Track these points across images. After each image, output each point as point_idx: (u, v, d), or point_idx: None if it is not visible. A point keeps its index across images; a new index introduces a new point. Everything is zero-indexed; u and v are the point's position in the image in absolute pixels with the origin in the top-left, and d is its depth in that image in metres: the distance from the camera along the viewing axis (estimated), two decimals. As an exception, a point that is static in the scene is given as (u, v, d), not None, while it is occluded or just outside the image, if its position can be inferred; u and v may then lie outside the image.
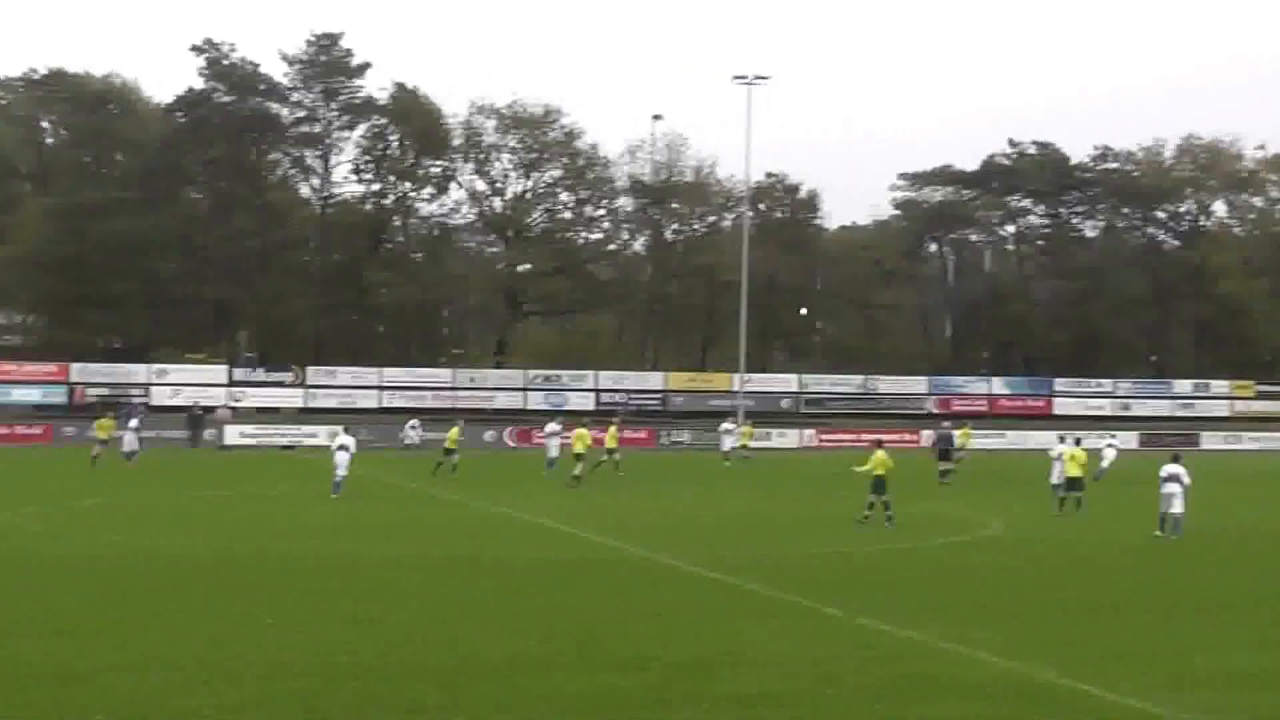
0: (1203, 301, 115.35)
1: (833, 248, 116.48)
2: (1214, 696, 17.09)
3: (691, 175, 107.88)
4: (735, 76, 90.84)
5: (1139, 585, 26.64)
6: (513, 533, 35.37)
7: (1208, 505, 44.84)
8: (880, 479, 37.53)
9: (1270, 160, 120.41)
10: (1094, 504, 41.35)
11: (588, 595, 24.55)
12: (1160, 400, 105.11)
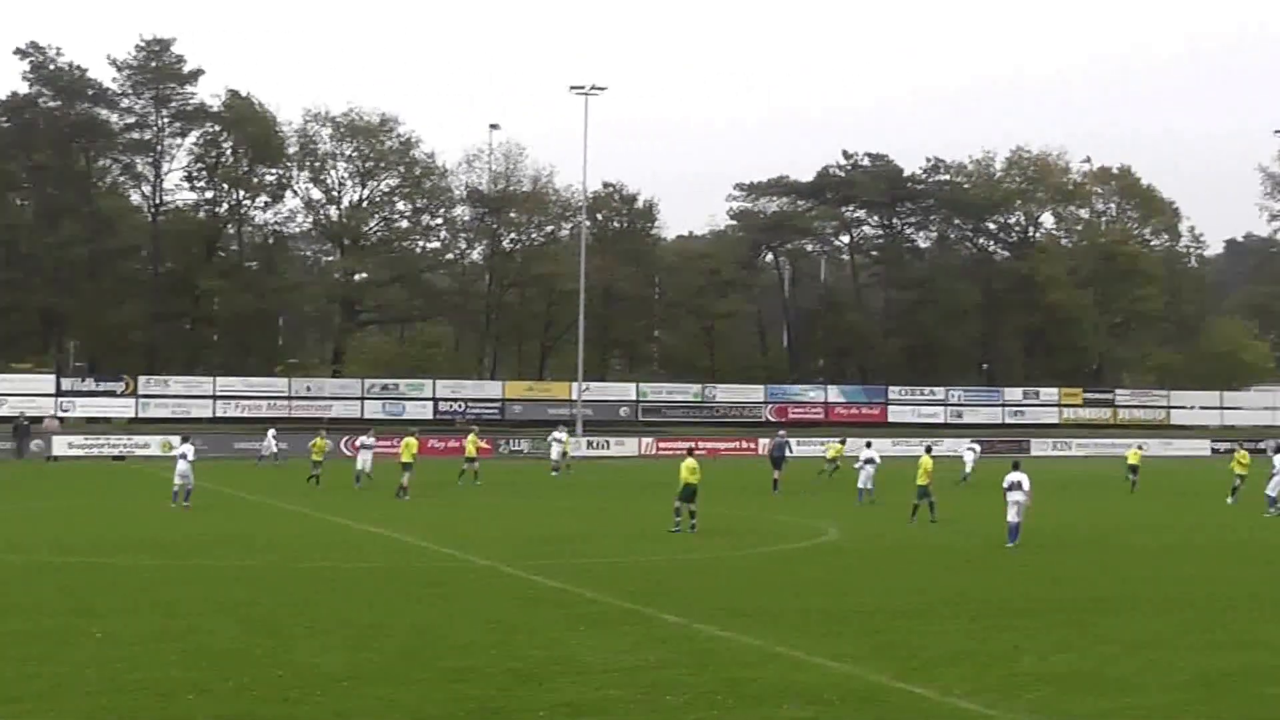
0: (1032, 311, 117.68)
1: (670, 257, 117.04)
2: (1042, 697, 17.41)
3: (529, 185, 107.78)
4: (572, 87, 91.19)
5: (970, 590, 27.01)
6: (351, 543, 35.01)
7: (1037, 511, 45.78)
8: (690, 486, 37.07)
9: (1096, 173, 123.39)
10: (944, 509, 41.79)
11: (424, 604, 24.39)
12: (992, 407, 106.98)
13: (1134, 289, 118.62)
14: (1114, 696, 17.48)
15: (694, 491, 37.01)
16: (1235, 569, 30.99)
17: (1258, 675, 18.80)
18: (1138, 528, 41.12)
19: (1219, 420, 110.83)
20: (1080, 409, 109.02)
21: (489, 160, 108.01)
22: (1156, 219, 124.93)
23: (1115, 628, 22.55)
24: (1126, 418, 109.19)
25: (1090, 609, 24.65)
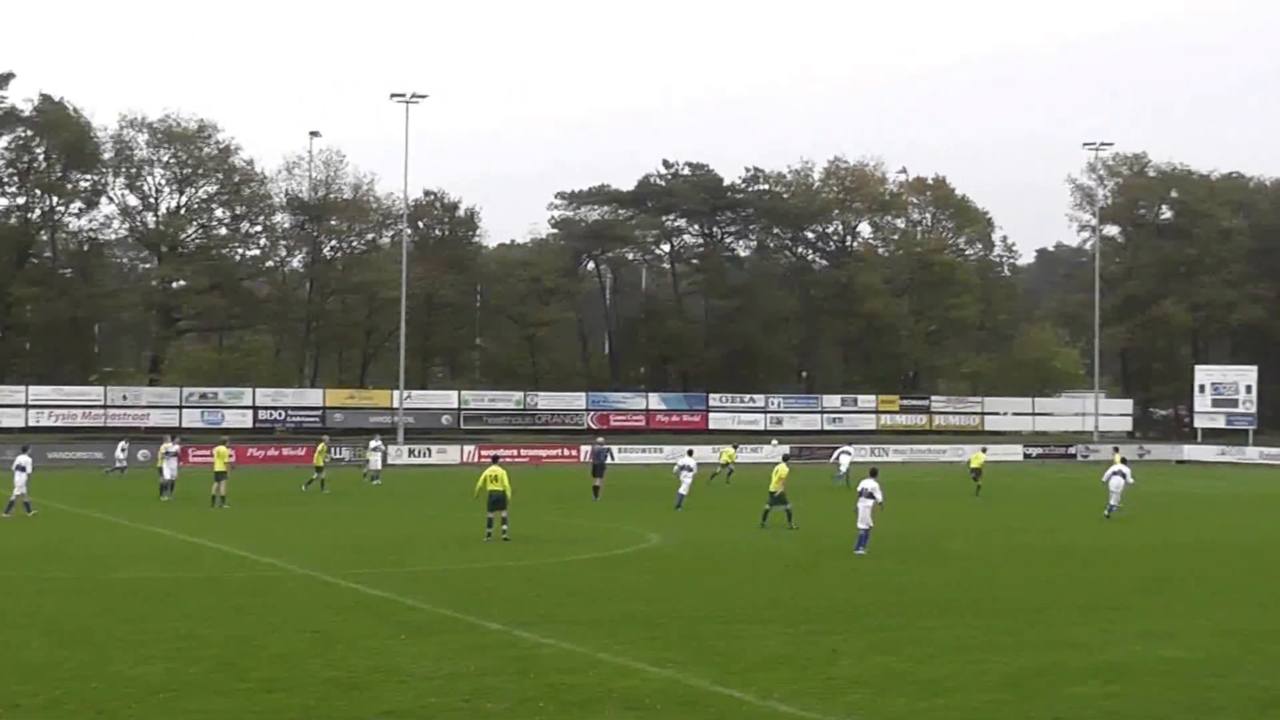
0: (850, 319, 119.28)
1: (492, 266, 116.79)
2: (859, 699, 17.75)
3: (350, 192, 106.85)
4: (393, 94, 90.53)
5: (790, 594, 27.39)
6: (168, 553, 34.44)
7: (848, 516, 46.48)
8: (495, 494, 36.89)
9: (912, 183, 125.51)
10: (808, 513, 42.21)
11: (243, 614, 24.15)
12: (811, 414, 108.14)
13: (949, 297, 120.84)
14: (928, 697, 17.84)
15: (501, 499, 36.77)
16: (1046, 572, 31.77)
17: (1065, 675, 19.32)
18: (953, 532, 41.96)
19: (1031, 426, 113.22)
20: (897, 415, 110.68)
21: (309, 167, 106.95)
22: (970, 229, 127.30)
23: (931, 630, 23.00)
24: (942, 424, 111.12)
25: (907, 612, 25.13)
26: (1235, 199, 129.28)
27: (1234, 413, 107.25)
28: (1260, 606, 26.28)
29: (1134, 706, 17.39)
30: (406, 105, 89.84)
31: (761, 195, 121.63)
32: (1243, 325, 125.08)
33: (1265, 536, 41.94)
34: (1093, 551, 36.50)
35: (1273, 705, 17.52)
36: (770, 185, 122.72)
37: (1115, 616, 24.77)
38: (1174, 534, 42.29)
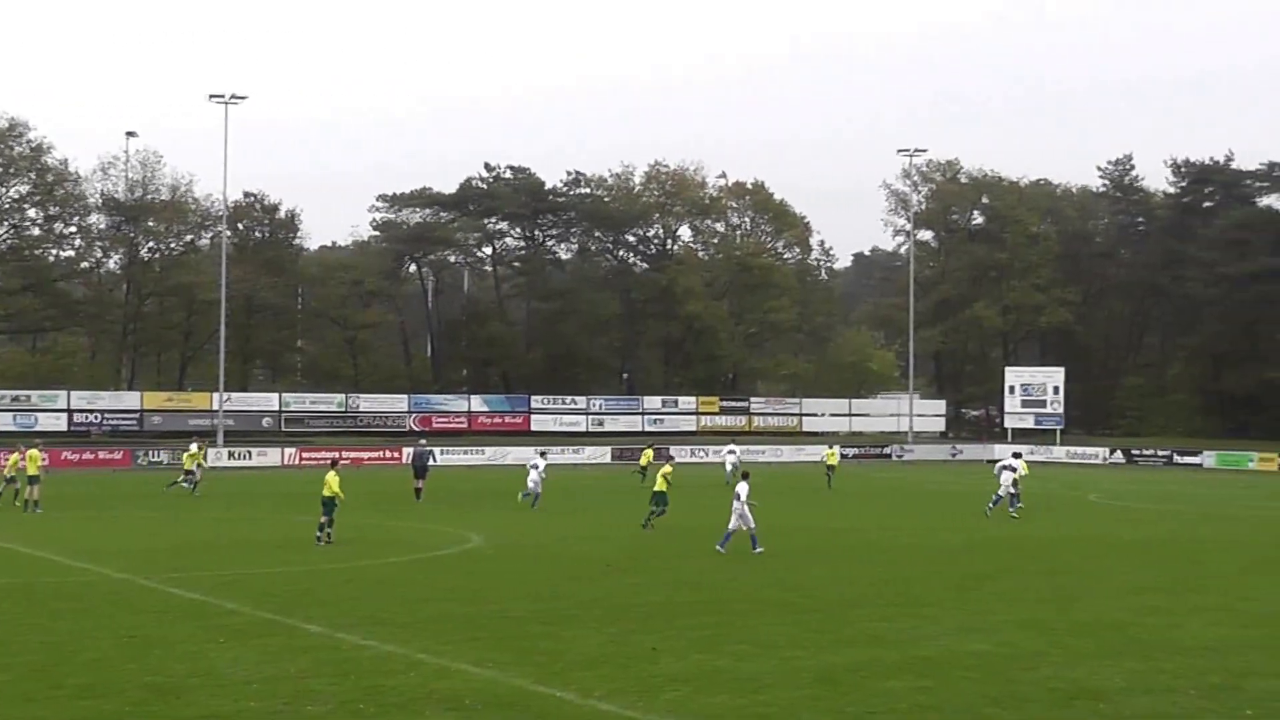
0: (670, 321, 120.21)
1: (313, 268, 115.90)
2: (679, 697, 17.98)
3: (168, 194, 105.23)
4: (212, 95, 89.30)
5: (610, 594, 27.60)
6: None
7: (680, 514, 46.99)
8: (327, 498, 36.99)
9: (731, 187, 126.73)
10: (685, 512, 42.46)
11: (56, 620, 23.74)
12: (632, 416, 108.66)
13: (767, 300, 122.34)
14: (747, 694, 18.11)
15: (333, 503, 36.87)
16: (860, 569, 32.35)
17: (878, 670, 19.72)
18: (768, 532, 42.43)
19: (848, 426, 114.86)
20: (717, 417, 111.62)
21: (126, 168, 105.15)
22: (789, 233, 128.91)
23: (748, 628, 23.33)
24: (761, 425, 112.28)
25: (725, 610, 25.45)
26: (1043, 205, 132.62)
27: (1042, 413, 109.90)
28: (1064, 601, 27.03)
29: (944, 700, 17.79)
30: (225, 106, 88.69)
31: (583, 199, 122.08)
32: (1051, 328, 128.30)
33: (1068, 534, 43.05)
34: (905, 549, 37.23)
35: (1078, 697, 18.03)
36: (591, 189, 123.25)
37: (927, 612, 25.33)
38: (982, 532, 43.24)
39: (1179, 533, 43.76)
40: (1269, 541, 40.82)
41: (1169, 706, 17.48)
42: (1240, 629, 23.67)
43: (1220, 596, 27.91)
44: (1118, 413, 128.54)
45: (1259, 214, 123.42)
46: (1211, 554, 36.77)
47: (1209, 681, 19.04)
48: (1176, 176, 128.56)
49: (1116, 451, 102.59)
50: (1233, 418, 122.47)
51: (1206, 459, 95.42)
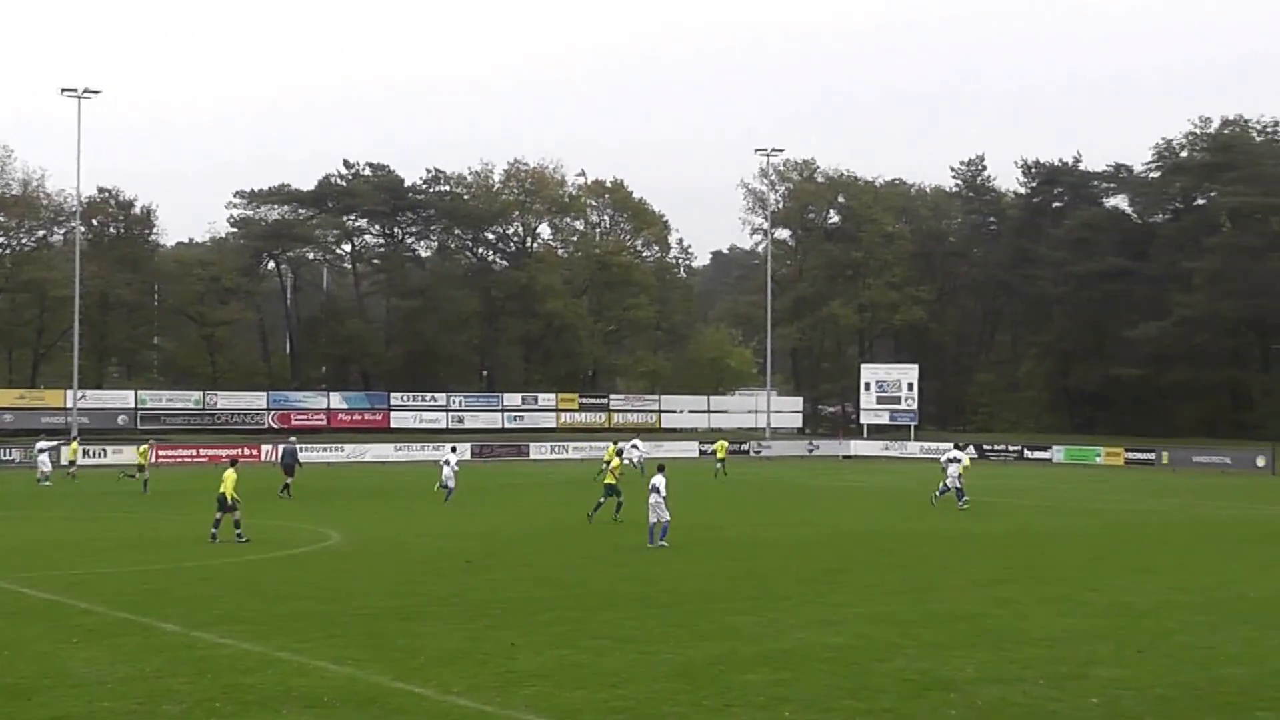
0: (530, 319, 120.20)
1: (169, 264, 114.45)
2: (538, 692, 18.08)
3: (19, 188, 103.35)
4: (64, 89, 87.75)
5: (469, 590, 27.62)
6: None
7: (539, 510, 47.17)
8: (221, 496, 36.94)
9: (591, 185, 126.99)
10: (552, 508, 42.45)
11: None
12: (492, 413, 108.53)
13: (627, 298, 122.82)
14: (605, 688, 18.25)
15: (222, 499, 36.84)
16: (717, 564, 32.61)
17: (735, 664, 19.95)
18: (626, 527, 42.67)
19: (706, 423, 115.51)
20: (577, 413, 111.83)
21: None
22: (648, 231, 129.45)
23: (607, 623, 23.49)
24: (621, 422, 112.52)
25: (583, 606, 25.60)
26: (898, 205, 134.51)
27: (897, 409, 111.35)
28: (917, 593, 27.51)
29: (801, 692, 18.04)
30: (78, 100, 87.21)
31: (442, 196, 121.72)
32: (905, 325, 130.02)
33: (921, 528, 43.72)
34: (762, 544, 37.59)
35: (930, 687, 18.37)
36: (451, 186, 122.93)
37: (783, 606, 25.66)
38: (838, 526, 43.80)
39: (1028, 526, 44.62)
40: (1114, 534, 41.76)
41: (1018, 696, 17.87)
42: (1086, 619, 24.24)
43: (1067, 588, 28.54)
44: (970, 409, 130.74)
45: (1105, 214, 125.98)
46: (1059, 546, 37.54)
47: (1057, 671, 19.50)
48: (1027, 177, 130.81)
49: (969, 446, 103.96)
50: (1080, 413, 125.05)
51: (1055, 454, 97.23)
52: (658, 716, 16.67)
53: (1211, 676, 19.21)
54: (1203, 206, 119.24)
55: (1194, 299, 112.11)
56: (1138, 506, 54.46)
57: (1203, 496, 61.21)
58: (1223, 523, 46.78)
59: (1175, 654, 20.89)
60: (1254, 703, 17.52)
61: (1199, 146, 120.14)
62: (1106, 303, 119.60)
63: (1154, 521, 46.85)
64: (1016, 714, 16.84)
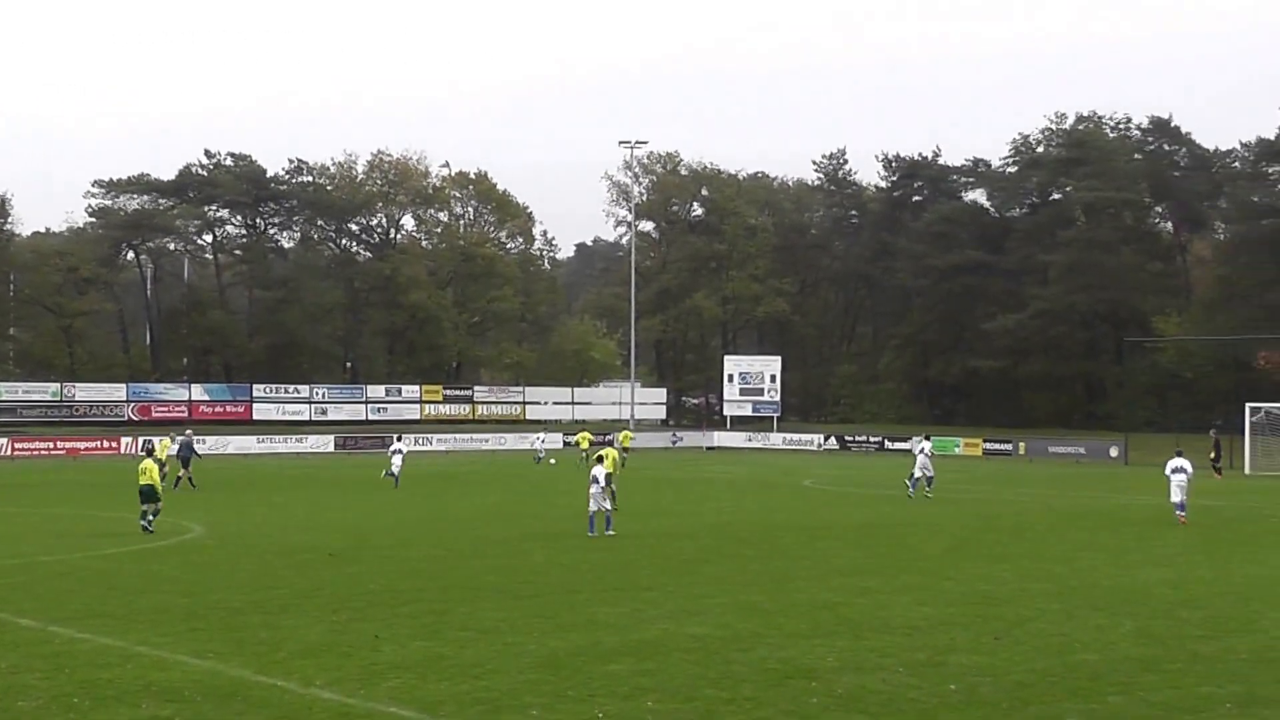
0: (394, 310, 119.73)
1: (25, 255, 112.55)
2: (401, 684, 18.00)
3: None
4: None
5: (331, 583, 27.41)
6: None
7: (407, 504, 46.95)
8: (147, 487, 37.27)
9: (454, 177, 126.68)
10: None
11: None
12: (356, 405, 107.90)
13: (491, 290, 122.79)
14: (469, 680, 18.22)
15: (151, 491, 37.14)
16: (579, 555, 32.66)
17: (599, 654, 20.01)
18: (488, 518, 42.68)
19: (571, 415, 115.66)
20: (441, 405, 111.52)
21: None
22: (512, 223, 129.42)
23: (470, 615, 23.44)
24: (485, 413, 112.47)
25: (447, 598, 25.51)
26: (761, 198, 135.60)
27: (760, 401, 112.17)
28: (778, 583, 27.75)
29: (664, 682, 18.12)
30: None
31: (305, 187, 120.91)
32: (768, 317, 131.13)
33: (783, 518, 44.11)
34: (624, 535, 37.60)
35: (792, 676, 18.51)
36: (314, 177, 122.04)
37: (646, 596, 25.78)
38: (701, 517, 44.04)
39: (888, 516, 45.13)
40: (972, 524, 42.34)
41: (877, 683, 18.09)
42: (944, 607, 24.59)
43: (925, 577, 28.93)
44: (832, 400, 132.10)
45: (963, 208, 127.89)
46: (918, 536, 38.01)
47: (915, 658, 19.76)
48: (887, 171, 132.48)
49: (831, 438, 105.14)
50: (940, 405, 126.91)
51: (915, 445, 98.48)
52: (521, 708, 16.68)
53: (1065, 662, 19.58)
54: (1058, 201, 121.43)
55: (1050, 292, 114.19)
56: (995, 496, 55.33)
57: (1058, 486, 62.35)
58: (1077, 512, 47.64)
59: (1030, 641, 21.26)
60: (1106, 688, 17.90)
61: (1054, 142, 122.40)
62: (965, 295, 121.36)
63: (1010, 511, 47.60)
64: (876, 701, 17.05)
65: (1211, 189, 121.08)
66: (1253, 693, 17.74)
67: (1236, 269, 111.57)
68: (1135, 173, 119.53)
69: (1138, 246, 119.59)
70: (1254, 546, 36.17)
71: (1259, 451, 74.99)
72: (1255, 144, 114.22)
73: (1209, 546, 35.78)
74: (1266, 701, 17.27)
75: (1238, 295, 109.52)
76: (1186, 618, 23.64)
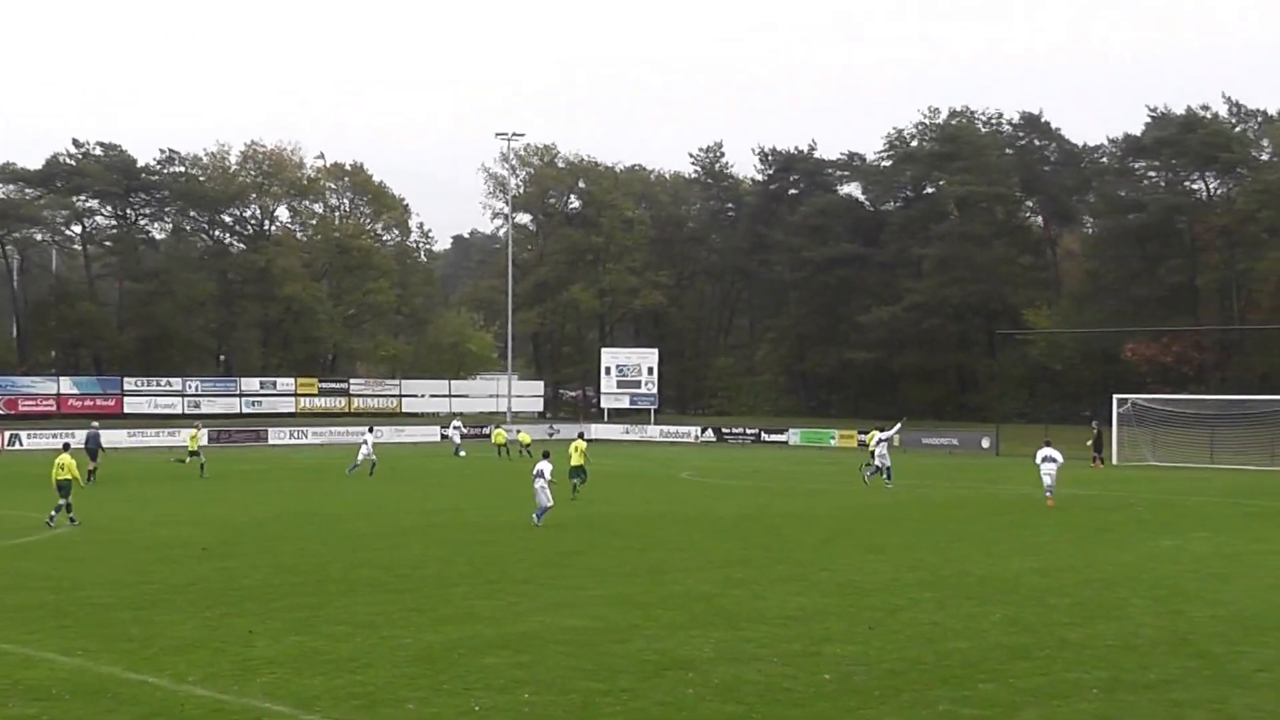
0: (268, 302, 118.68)
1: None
2: (276, 679, 17.89)
3: None
4: None
5: (204, 578, 27.11)
6: None
7: (279, 496, 46.55)
8: (64, 481, 37.61)
9: (330, 168, 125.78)
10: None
11: None
12: (230, 398, 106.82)
13: (367, 282, 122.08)
14: (344, 674, 18.13)
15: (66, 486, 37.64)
16: (457, 548, 32.57)
17: (475, 647, 19.98)
18: (363, 513, 42.44)
19: (448, 407, 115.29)
20: (316, 398, 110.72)
21: None
22: (388, 215, 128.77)
23: (346, 609, 23.32)
24: (361, 406, 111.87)
25: (322, 592, 25.36)
26: (638, 191, 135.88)
27: (637, 393, 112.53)
28: (655, 575, 27.84)
29: (540, 674, 18.14)
30: None
31: (177, 177, 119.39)
32: (645, 310, 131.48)
33: (660, 510, 44.28)
34: (501, 528, 37.62)
35: (669, 667, 18.59)
36: (186, 167, 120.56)
37: (523, 589, 25.77)
38: (578, 509, 44.05)
39: (764, 508, 45.42)
40: (846, 515, 42.73)
41: (753, 674, 18.22)
42: (819, 598, 24.81)
43: (801, 568, 29.17)
44: (709, 392, 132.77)
45: (839, 201, 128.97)
46: (793, 528, 38.30)
47: (790, 649, 19.92)
48: (764, 164, 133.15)
49: (708, 430, 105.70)
50: (815, 396, 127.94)
51: (791, 436, 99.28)
52: (397, 702, 16.63)
53: (937, 651, 19.83)
54: (931, 195, 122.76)
55: (923, 285, 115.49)
56: (870, 487, 55.84)
57: (931, 477, 63.05)
58: (949, 503, 48.24)
59: (903, 630, 21.51)
60: (977, 675, 18.15)
61: (928, 137, 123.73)
62: (840, 288, 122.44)
63: (884, 502, 48.07)
64: (752, 691, 17.17)
65: (1080, 184, 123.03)
66: (1118, 678, 18.09)
67: (1104, 263, 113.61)
68: (1007, 167, 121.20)
69: (1009, 240, 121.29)
70: (1120, 534, 36.85)
71: (1125, 442, 76.41)
72: (1123, 140, 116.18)
73: (1077, 535, 36.41)
74: (1131, 686, 17.62)
75: (1105, 288, 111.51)
76: (1055, 605, 24.05)
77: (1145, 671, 18.51)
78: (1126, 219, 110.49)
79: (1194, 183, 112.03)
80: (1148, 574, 28.43)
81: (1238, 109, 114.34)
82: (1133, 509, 45.43)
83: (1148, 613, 23.36)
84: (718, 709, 16.31)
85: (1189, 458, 73.77)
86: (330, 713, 16.20)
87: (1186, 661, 19.22)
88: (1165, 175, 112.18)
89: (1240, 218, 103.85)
